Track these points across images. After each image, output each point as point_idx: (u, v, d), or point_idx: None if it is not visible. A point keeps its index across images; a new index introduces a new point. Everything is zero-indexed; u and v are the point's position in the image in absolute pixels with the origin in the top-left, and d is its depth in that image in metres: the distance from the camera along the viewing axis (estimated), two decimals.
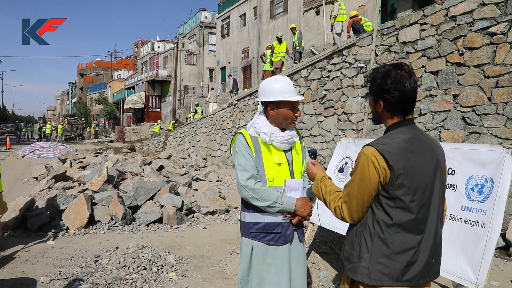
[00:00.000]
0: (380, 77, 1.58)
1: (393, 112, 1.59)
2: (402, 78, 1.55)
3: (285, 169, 2.10)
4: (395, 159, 1.46)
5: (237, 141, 2.13)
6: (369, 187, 1.50)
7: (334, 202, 1.66)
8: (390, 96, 1.55)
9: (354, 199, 1.54)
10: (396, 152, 1.48)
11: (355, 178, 1.54)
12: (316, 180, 1.84)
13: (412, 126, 1.60)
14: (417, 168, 1.50)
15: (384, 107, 1.59)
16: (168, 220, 5.50)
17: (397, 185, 1.47)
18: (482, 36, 5.95)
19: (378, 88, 1.58)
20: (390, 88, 1.55)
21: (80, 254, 4.24)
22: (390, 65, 1.61)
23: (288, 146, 2.13)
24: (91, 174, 6.80)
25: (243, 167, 2.04)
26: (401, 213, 1.49)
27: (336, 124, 8.74)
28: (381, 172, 1.47)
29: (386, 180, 1.48)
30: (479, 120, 5.89)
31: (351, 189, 1.55)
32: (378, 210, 1.52)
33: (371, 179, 1.48)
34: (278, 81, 2.11)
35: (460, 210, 2.38)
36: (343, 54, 8.71)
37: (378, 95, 1.60)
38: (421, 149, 1.55)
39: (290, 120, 2.09)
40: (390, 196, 1.49)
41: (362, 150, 1.54)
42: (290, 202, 2.02)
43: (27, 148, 15.92)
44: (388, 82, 1.55)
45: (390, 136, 1.56)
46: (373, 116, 1.71)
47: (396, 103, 1.56)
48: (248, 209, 2.09)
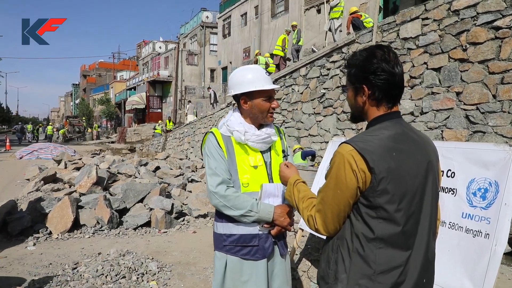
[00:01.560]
0: (364, 58, 1.32)
1: (379, 100, 1.33)
2: (390, 58, 1.30)
3: (262, 172, 1.85)
4: (377, 160, 1.21)
5: (207, 142, 1.88)
6: (346, 194, 1.24)
7: (307, 210, 1.40)
8: (377, 78, 1.29)
9: (329, 207, 1.29)
10: (379, 152, 1.22)
11: (329, 182, 1.29)
12: (288, 185, 1.58)
13: (398, 120, 1.35)
14: (404, 170, 1.25)
15: (369, 95, 1.33)
16: (156, 223, 5.26)
17: (379, 191, 1.21)
18: (487, 31, 5.66)
19: (361, 70, 1.32)
20: (377, 68, 1.29)
21: (60, 261, 4.01)
22: (371, 47, 1.36)
23: (265, 146, 1.87)
24: (80, 176, 6.59)
25: (213, 171, 1.79)
26: (385, 225, 1.23)
27: (335, 124, 8.47)
28: (359, 175, 1.21)
29: (366, 186, 1.22)
30: (484, 119, 5.60)
31: (325, 195, 1.30)
32: (358, 221, 1.27)
33: (348, 184, 1.23)
34: (249, 70, 1.86)
35: (461, 218, 2.10)
36: (342, 51, 8.44)
37: (361, 79, 1.33)
38: (410, 147, 1.29)
39: (267, 113, 1.84)
40: (371, 204, 1.23)
41: (338, 149, 1.28)
42: (267, 210, 1.77)
43: (25, 149, 15.78)
44: (374, 62, 1.30)
45: (371, 132, 1.31)
46: (353, 111, 1.44)
47: (384, 87, 1.30)
48: (221, 219, 1.84)
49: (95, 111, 47.71)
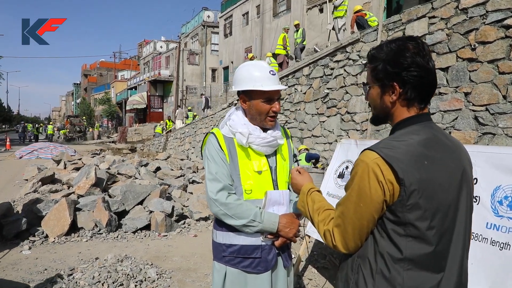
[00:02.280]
0: (395, 52, 1.16)
1: (411, 100, 1.17)
2: (424, 53, 1.15)
3: (267, 178, 1.69)
4: (407, 169, 1.05)
5: (207, 143, 1.72)
6: (370, 208, 1.09)
7: (323, 224, 1.25)
8: (411, 75, 1.13)
9: (350, 222, 1.13)
10: (408, 160, 1.07)
11: (350, 194, 1.13)
12: (301, 194, 1.43)
13: (429, 123, 1.19)
14: (437, 182, 1.09)
15: (401, 94, 1.17)
16: (156, 227, 5.11)
17: (409, 206, 1.06)
18: (496, 29, 5.50)
19: (391, 65, 1.16)
20: (410, 63, 1.13)
21: (55, 266, 3.86)
22: (400, 38, 1.20)
23: (270, 150, 1.72)
24: (79, 177, 6.44)
25: (213, 176, 1.64)
26: (415, 244, 1.08)
27: (339, 124, 8.32)
28: (386, 187, 1.06)
29: (394, 199, 1.07)
30: (493, 120, 5.44)
31: (345, 209, 1.15)
32: (383, 239, 1.11)
33: (373, 197, 1.08)
34: (252, 66, 1.70)
35: (485, 228, 1.94)
36: (346, 50, 8.28)
37: (391, 76, 1.16)
38: (442, 155, 1.14)
39: (265, 116, 1.67)
40: (400, 220, 1.08)
41: (361, 157, 1.13)
42: (271, 220, 1.62)
43: (25, 148, 15.65)
44: (407, 56, 1.14)
45: (399, 137, 1.15)
46: (377, 112, 1.27)
47: (417, 85, 1.14)
48: (221, 227, 1.69)
49: (96, 110, 47.60)
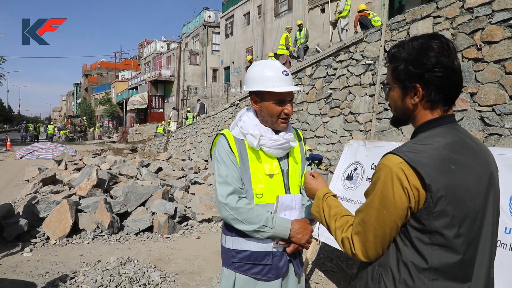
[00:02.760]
0: (418, 51, 1.10)
1: (435, 102, 1.11)
2: (449, 52, 1.09)
3: (279, 181, 1.63)
4: (434, 174, 1.00)
5: (217, 145, 1.66)
6: (394, 215, 1.03)
7: (341, 231, 1.19)
8: (435, 76, 1.07)
9: (371, 230, 1.07)
10: (434, 165, 1.01)
11: (372, 200, 1.07)
12: (316, 199, 1.37)
13: (454, 125, 1.13)
14: (465, 187, 1.03)
15: (423, 95, 1.11)
16: (159, 229, 5.05)
17: (436, 213, 1.00)
18: (503, 29, 5.44)
19: (414, 66, 1.10)
20: (435, 63, 1.07)
21: (57, 269, 3.80)
22: (423, 36, 1.14)
23: (283, 152, 1.65)
24: (80, 178, 6.38)
25: (223, 180, 1.58)
26: (441, 253, 1.02)
27: (342, 125, 8.25)
28: (412, 194, 1.00)
29: (420, 206, 1.01)
30: (500, 121, 5.37)
31: (367, 216, 1.09)
32: (406, 247, 1.06)
33: (397, 203, 1.02)
34: (265, 65, 1.63)
35: (504, 234, 1.88)
36: (349, 50, 8.22)
37: (413, 77, 1.11)
38: (469, 159, 1.08)
39: (277, 118, 1.61)
40: (425, 228, 1.02)
41: (383, 161, 1.07)
42: (283, 226, 1.56)
43: (25, 148, 15.60)
44: (431, 56, 1.08)
45: (423, 140, 1.09)
46: (398, 114, 1.22)
47: (442, 86, 1.09)
48: (230, 232, 1.63)
49: (97, 110, 47.56)
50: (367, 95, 7.69)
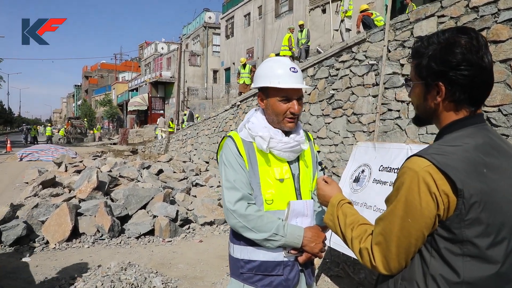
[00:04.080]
0: (442, 47, 1.01)
1: (460, 102, 1.02)
2: (478, 47, 0.99)
3: (289, 186, 1.54)
4: (465, 179, 0.91)
5: (224, 148, 1.57)
6: (420, 224, 0.94)
7: (359, 241, 1.10)
8: (460, 75, 0.99)
9: (394, 240, 0.98)
10: (466, 168, 0.92)
11: (396, 207, 0.98)
12: (330, 206, 1.28)
13: (484, 125, 1.05)
14: (500, 192, 0.95)
15: (447, 95, 1.02)
16: (160, 232, 4.96)
17: (468, 221, 0.91)
18: (509, 28, 5.35)
19: (437, 62, 1.01)
20: (460, 61, 0.98)
21: (56, 275, 3.72)
22: (450, 30, 1.04)
23: (293, 155, 1.56)
24: (80, 180, 6.30)
25: (231, 185, 1.49)
26: (475, 265, 0.93)
27: (345, 126, 8.16)
28: (441, 200, 0.92)
29: (449, 214, 0.93)
30: (506, 121, 5.28)
31: (389, 224, 1.00)
32: (434, 259, 0.97)
33: (424, 211, 0.93)
34: (274, 61, 1.55)
35: None
36: (352, 50, 8.14)
37: (436, 74, 1.02)
38: (502, 162, 0.99)
39: (283, 117, 1.52)
40: (455, 238, 0.93)
41: (408, 164, 0.98)
42: (296, 234, 1.46)
43: (25, 150, 15.52)
44: (457, 52, 0.99)
45: (451, 141, 1.00)
46: (420, 112, 1.13)
47: (468, 86, 1.00)
48: (238, 241, 1.54)
49: (97, 112, 47.50)
50: (370, 96, 7.60)
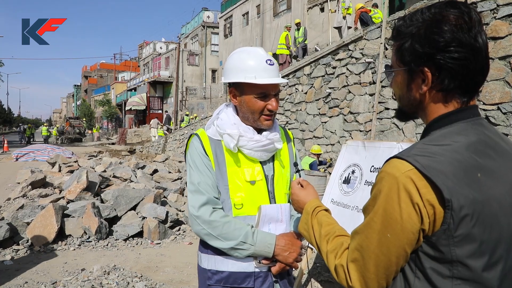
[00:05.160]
0: (428, 25, 0.85)
1: (450, 91, 0.86)
2: (470, 24, 0.82)
3: (262, 189, 1.40)
4: (455, 186, 0.75)
5: (190, 147, 1.43)
6: (401, 240, 0.79)
7: (334, 256, 0.95)
8: (449, 58, 0.82)
9: (372, 257, 0.83)
10: (455, 172, 0.77)
11: (373, 220, 0.83)
12: (305, 213, 1.13)
13: (478, 119, 0.88)
14: (497, 202, 0.79)
15: (434, 83, 0.86)
16: (148, 234, 4.82)
17: (458, 237, 0.76)
18: (508, 24, 5.21)
19: (422, 44, 0.85)
20: (449, 41, 0.82)
21: (37, 279, 3.58)
22: (437, 4, 0.87)
23: (266, 155, 1.41)
24: (70, 181, 6.16)
25: (195, 188, 1.35)
26: None
27: (341, 125, 8.02)
28: (425, 212, 0.76)
29: (436, 228, 0.77)
30: (506, 119, 5.14)
31: (366, 239, 0.84)
32: (418, 280, 0.82)
33: (405, 224, 0.78)
34: (247, 53, 1.39)
35: None
36: (349, 48, 8.00)
37: (422, 58, 0.85)
38: (501, 164, 0.83)
39: (259, 115, 1.37)
40: (443, 257, 0.78)
41: (386, 168, 0.82)
42: (266, 242, 1.32)
43: (21, 150, 15.40)
44: (445, 30, 0.82)
45: (438, 139, 0.84)
46: (403, 104, 0.96)
47: (459, 70, 0.83)
48: (206, 249, 1.40)
49: (97, 112, 47.39)
50: (367, 94, 7.46)
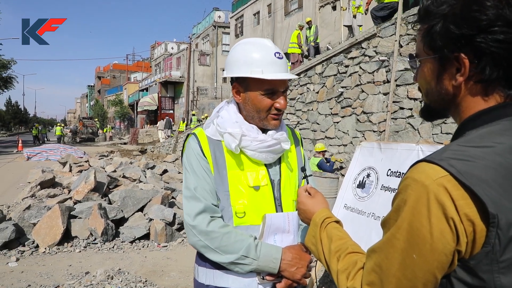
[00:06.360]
0: (465, 1, 0.69)
1: (492, 82, 0.70)
2: None
3: (267, 195, 1.25)
4: (500, 198, 0.60)
5: (187, 148, 1.28)
6: (430, 262, 0.64)
7: (346, 276, 0.80)
8: (492, 40, 0.66)
9: (393, 282, 0.68)
10: (500, 181, 0.61)
11: (395, 237, 0.68)
12: (313, 225, 0.98)
13: None
14: None
15: (472, 72, 0.69)
16: (155, 236, 4.72)
17: (505, 262, 0.61)
18: None
19: (459, 24, 0.68)
20: (492, 19, 0.66)
21: (40, 282, 3.50)
22: None
23: (272, 157, 1.26)
24: (78, 181, 6.11)
25: (191, 194, 1.21)
26: None
27: (354, 125, 7.81)
28: (462, 229, 0.61)
29: (475, 249, 0.62)
30: None
31: (385, 260, 0.69)
32: None
33: (436, 244, 0.62)
34: (250, 45, 1.23)
35: None
36: (362, 46, 7.79)
37: (458, 42, 0.69)
38: None
39: (266, 114, 1.22)
40: (485, 286, 0.62)
41: (413, 174, 0.66)
42: (271, 256, 1.17)
43: (33, 150, 15.58)
44: (488, 7, 0.66)
45: (477, 140, 0.68)
46: (431, 100, 0.79)
47: (505, 57, 0.67)
48: (203, 262, 1.25)
49: (109, 112, 47.93)
50: (380, 94, 7.24)
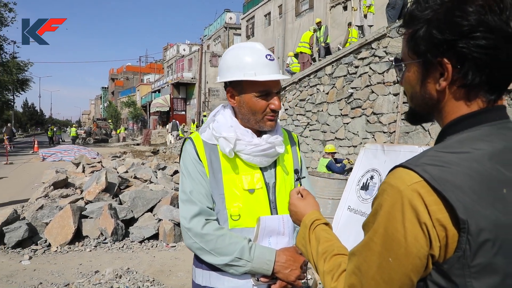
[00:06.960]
0: (448, 7, 0.69)
1: (475, 87, 0.70)
2: (502, 6, 0.66)
3: (261, 198, 1.27)
4: (472, 204, 0.61)
5: (183, 152, 1.32)
6: (405, 266, 0.65)
7: (331, 277, 0.81)
8: (474, 45, 0.66)
9: (371, 284, 0.69)
10: (474, 187, 0.62)
11: (372, 240, 0.69)
12: (303, 227, 1.00)
13: (506, 123, 0.72)
14: None
15: (455, 77, 0.70)
16: (164, 237, 4.78)
17: (476, 267, 0.61)
18: None
19: (442, 29, 0.69)
20: (474, 25, 0.66)
21: (51, 280, 3.59)
22: None
23: (267, 160, 1.29)
24: (90, 182, 6.23)
25: (187, 197, 1.24)
26: None
27: (364, 126, 7.76)
28: (434, 234, 0.62)
29: (448, 254, 0.63)
30: None
31: (364, 263, 0.70)
32: None
33: (410, 248, 0.63)
34: (245, 49, 1.26)
35: None
36: (372, 47, 7.73)
37: (441, 47, 0.69)
38: None
39: (262, 116, 1.25)
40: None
41: (390, 179, 0.68)
42: (265, 258, 1.19)
43: (48, 151, 15.92)
44: (470, 13, 0.66)
45: (455, 146, 0.69)
46: (416, 104, 0.80)
47: (487, 62, 0.67)
48: (200, 264, 1.28)
49: (123, 113, 48.63)
50: (391, 94, 7.17)
